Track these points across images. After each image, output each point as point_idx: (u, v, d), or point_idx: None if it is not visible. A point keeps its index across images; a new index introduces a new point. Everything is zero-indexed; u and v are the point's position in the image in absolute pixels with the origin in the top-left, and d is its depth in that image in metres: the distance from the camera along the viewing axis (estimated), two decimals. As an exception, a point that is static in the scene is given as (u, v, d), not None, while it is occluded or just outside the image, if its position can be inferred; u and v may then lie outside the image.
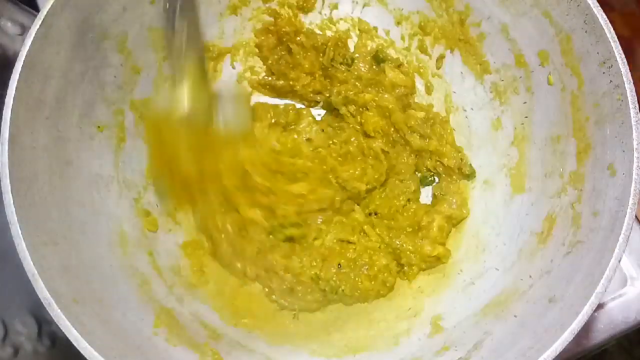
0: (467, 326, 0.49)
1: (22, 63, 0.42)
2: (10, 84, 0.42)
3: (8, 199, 0.40)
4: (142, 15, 0.52)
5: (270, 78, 0.64)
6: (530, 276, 0.47)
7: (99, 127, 0.50)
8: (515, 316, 0.45)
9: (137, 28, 0.52)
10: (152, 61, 0.55)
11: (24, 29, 0.61)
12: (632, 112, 0.42)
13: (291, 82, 0.62)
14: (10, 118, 0.41)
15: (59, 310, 0.38)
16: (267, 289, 0.56)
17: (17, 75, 0.42)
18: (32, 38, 0.43)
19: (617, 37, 0.43)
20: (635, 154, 0.41)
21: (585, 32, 0.45)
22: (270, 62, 0.63)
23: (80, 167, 0.47)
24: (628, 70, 0.43)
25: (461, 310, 0.52)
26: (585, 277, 0.41)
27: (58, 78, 0.45)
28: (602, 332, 0.57)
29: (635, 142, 0.41)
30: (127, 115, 0.53)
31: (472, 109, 0.59)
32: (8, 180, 0.40)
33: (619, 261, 0.39)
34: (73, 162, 0.47)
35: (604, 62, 0.44)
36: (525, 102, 0.54)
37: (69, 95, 0.46)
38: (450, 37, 0.59)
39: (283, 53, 0.62)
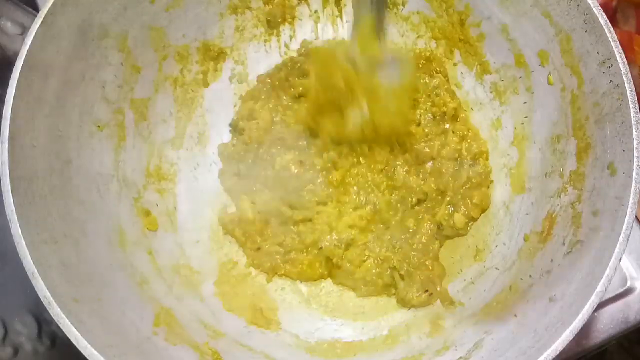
0: (467, 326, 0.49)
1: (22, 62, 0.42)
2: (10, 83, 0.42)
3: (8, 197, 0.40)
4: (142, 14, 0.52)
5: None
6: (530, 276, 0.47)
7: (99, 125, 0.50)
8: (515, 316, 0.45)
9: (137, 27, 0.52)
10: (152, 60, 0.55)
11: (24, 29, 0.61)
12: (632, 111, 0.42)
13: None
14: (11, 117, 0.41)
15: (59, 310, 0.38)
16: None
17: (18, 74, 0.42)
18: (32, 37, 0.43)
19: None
20: (635, 154, 0.41)
21: (585, 32, 0.45)
22: None
23: (80, 166, 0.47)
24: (628, 70, 0.43)
25: (461, 310, 0.52)
26: (585, 276, 0.41)
27: (58, 77, 0.45)
28: (602, 332, 0.57)
29: (635, 142, 0.41)
30: (127, 114, 0.53)
31: (472, 109, 0.59)
32: (8, 179, 0.40)
33: (619, 261, 0.39)
34: (73, 161, 0.47)
35: (604, 62, 0.44)
36: (525, 102, 0.54)
37: (69, 94, 0.47)
38: (450, 37, 0.59)
39: None
